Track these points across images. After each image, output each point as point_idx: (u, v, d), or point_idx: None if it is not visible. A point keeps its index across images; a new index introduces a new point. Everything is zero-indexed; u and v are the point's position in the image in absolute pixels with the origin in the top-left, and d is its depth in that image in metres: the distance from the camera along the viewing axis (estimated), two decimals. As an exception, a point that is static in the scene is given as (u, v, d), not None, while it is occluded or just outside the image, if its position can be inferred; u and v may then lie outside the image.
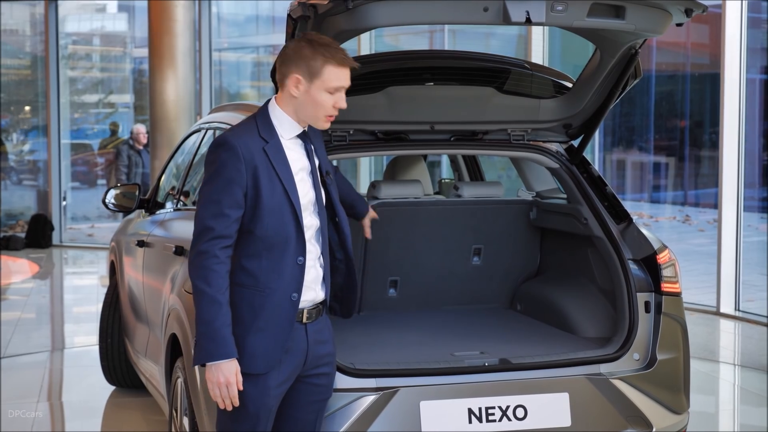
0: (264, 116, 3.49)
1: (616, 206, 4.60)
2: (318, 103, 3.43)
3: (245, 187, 3.36)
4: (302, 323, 3.49)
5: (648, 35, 4.09)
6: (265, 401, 3.44)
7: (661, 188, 15.44)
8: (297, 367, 3.50)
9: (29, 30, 17.31)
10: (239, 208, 3.36)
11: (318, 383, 3.59)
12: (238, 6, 17.00)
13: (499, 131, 4.71)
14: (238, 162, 3.35)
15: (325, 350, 3.59)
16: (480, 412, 3.93)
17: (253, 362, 3.41)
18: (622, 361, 4.18)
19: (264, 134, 3.43)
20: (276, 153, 3.42)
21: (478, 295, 5.27)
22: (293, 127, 3.49)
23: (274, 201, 3.38)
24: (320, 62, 3.41)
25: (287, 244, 3.41)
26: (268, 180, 3.38)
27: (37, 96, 16.57)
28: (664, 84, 14.99)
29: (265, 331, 3.40)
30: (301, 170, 3.50)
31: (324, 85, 3.42)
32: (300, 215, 3.42)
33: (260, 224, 3.38)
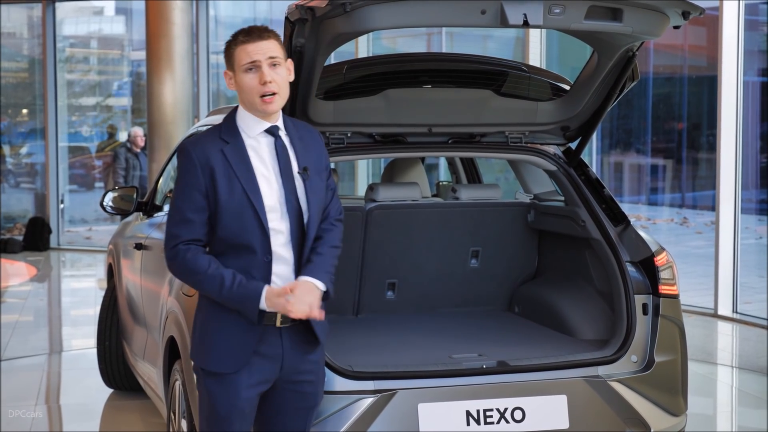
0: (229, 120, 3.46)
1: (613, 208, 4.61)
2: (245, 86, 3.37)
3: (204, 190, 3.33)
4: (276, 327, 3.41)
5: (645, 38, 4.10)
6: (235, 403, 3.39)
7: (659, 190, 15.45)
8: (271, 371, 3.43)
9: (27, 33, 17.31)
10: (203, 211, 3.34)
11: (303, 390, 3.51)
12: (236, 9, 17.00)
13: (497, 134, 4.72)
14: (193, 167, 3.34)
15: (308, 357, 3.49)
16: (478, 415, 3.93)
17: (220, 362, 3.38)
18: (620, 363, 4.18)
19: (225, 136, 3.40)
20: (236, 153, 3.37)
21: (476, 297, 5.27)
22: (257, 123, 3.42)
23: (233, 202, 3.33)
24: (230, 50, 3.39)
25: (252, 246, 3.35)
26: (227, 181, 3.33)
27: (34, 99, 16.57)
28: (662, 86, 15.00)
29: (232, 331, 3.37)
30: (267, 170, 3.41)
31: (240, 68, 3.37)
32: (263, 217, 3.34)
33: (220, 226, 3.35)
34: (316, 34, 3.86)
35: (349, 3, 3.61)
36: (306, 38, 3.87)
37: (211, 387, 3.41)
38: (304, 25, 3.80)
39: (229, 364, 3.38)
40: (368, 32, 4.03)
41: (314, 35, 3.87)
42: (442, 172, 13.06)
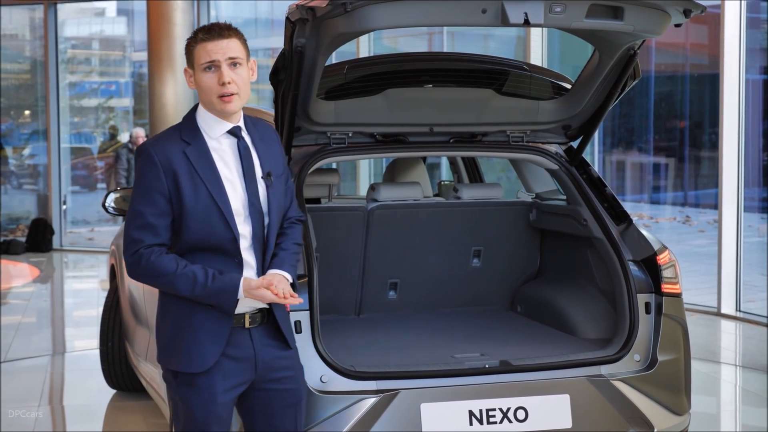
0: (189, 119, 3.37)
1: (615, 207, 4.60)
2: (204, 86, 3.28)
3: (167, 194, 3.23)
4: (245, 328, 3.35)
5: (646, 36, 4.09)
6: (213, 408, 3.33)
7: (661, 189, 15.43)
8: (247, 373, 3.37)
9: (29, 34, 17.32)
10: (166, 216, 3.25)
11: (285, 388, 3.45)
12: (237, 9, 17.01)
13: (498, 133, 4.71)
14: (155, 169, 3.23)
15: (281, 354, 3.43)
16: (481, 414, 3.93)
17: (189, 361, 3.30)
18: (623, 362, 4.17)
19: (186, 137, 3.30)
20: (199, 155, 3.28)
21: (478, 296, 5.27)
22: (219, 123, 3.33)
23: (198, 206, 3.24)
24: (190, 47, 3.30)
25: (220, 250, 3.28)
26: (191, 183, 3.24)
27: (36, 100, 16.57)
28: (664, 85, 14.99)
29: (201, 331, 3.29)
30: (231, 172, 3.32)
31: (199, 66, 3.28)
32: (231, 220, 3.26)
33: (186, 230, 3.26)
34: (316, 34, 3.86)
35: (349, 3, 3.60)
36: (307, 38, 3.86)
37: (186, 395, 3.34)
38: (304, 25, 3.80)
39: (200, 362, 3.29)
40: (369, 32, 4.03)
41: (315, 35, 3.86)
42: (444, 171, 13.05)
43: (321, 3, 3.62)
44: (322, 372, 3.88)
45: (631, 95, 13.71)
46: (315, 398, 3.84)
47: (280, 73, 4.04)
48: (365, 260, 4.98)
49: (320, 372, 3.88)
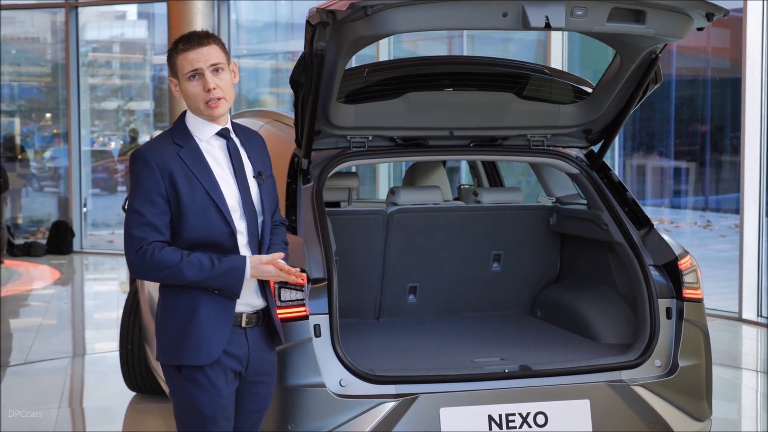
0: (180, 124, 3.48)
1: (636, 212, 4.58)
2: (190, 94, 3.40)
3: (165, 194, 3.33)
4: (242, 327, 3.44)
5: (668, 40, 4.07)
6: (219, 402, 3.40)
7: (682, 193, 15.36)
8: (240, 370, 3.46)
9: (50, 38, 17.40)
10: (165, 215, 3.34)
11: (257, 392, 3.52)
12: (257, 13, 17.04)
13: (519, 137, 4.70)
14: (152, 171, 3.34)
15: (267, 358, 3.52)
16: (500, 419, 3.92)
17: (196, 355, 3.36)
18: (644, 367, 4.15)
19: (178, 140, 3.41)
20: (192, 156, 3.39)
21: (498, 301, 5.25)
22: (208, 127, 3.44)
23: (195, 203, 3.34)
24: (172, 58, 3.41)
25: (219, 246, 3.37)
26: (187, 183, 3.34)
27: (57, 103, 16.65)
28: (685, 89, 14.92)
29: (205, 326, 3.37)
30: (223, 171, 3.43)
31: (183, 76, 3.39)
32: (228, 215, 3.37)
33: (186, 227, 3.35)
34: (336, 37, 3.85)
35: (369, 6, 3.60)
36: (327, 42, 3.86)
37: (191, 390, 3.40)
38: (325, 29, 3.80)
39: (207, 354, 3.36)
40: (389, 35, 4.03)
41: (335, 39, 3.86)
42: (464, 175, 13.02)
43: (341, 6, 3.62)
44: (341, 376, 3.88)
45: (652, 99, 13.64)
46: (334, 402, 3.84)
47: (300, 76, 4.04)
48: (385, 264, 4.97)
49: (339, 376, 3.88)
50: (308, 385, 3.85)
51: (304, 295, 3.90)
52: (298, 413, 3.85)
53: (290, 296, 3.89)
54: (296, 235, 4.10)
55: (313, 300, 3.93)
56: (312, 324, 3.90)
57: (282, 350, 3.84)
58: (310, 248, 4.03)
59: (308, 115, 4.10)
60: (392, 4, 3.62)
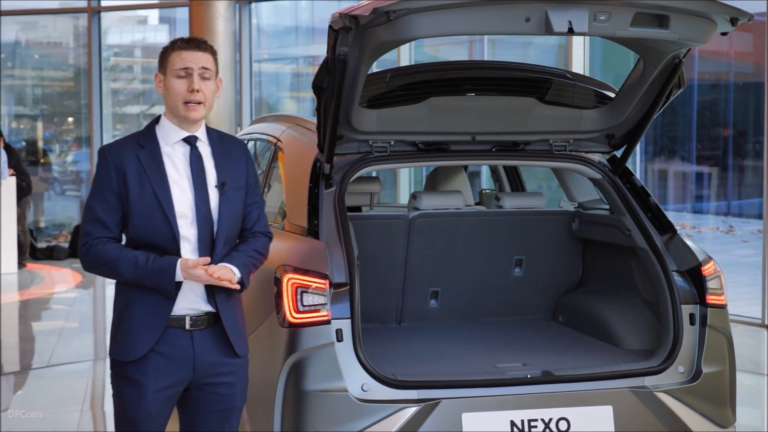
0: (149, 126, 3.54)
1: (659, 217, 4.56)
2: (172, 90, 3.46)
3: (117, 191, 3.42)
4: (186, 330, 3.44)
5: (692, 44, 4.05)
6: (143, 405, 3.42)
7: (704, 198, 15.28)
8: (183, 374, 3.45)
9: (72, 42, 17.50)
10: (114, 212, 3.43)
11: (218, 392, 3.51)
12: (278, 17, 17.07)
13: (541, 142, 4.69)
14: (107, 168, 3.43)
15: (223, 360, 3.50)
16: (522, 425, 3.91)
17: (121, 350, 3.44)
18: (667, 373, 4.13)
19: (142, 142, 3.48)
20: (150, 158, 3.44)
21: (520, 306, 5.24)
22: (176, 132, 3.49)
23: (143, 204, 3.40)
24: (166, 53, 3.50)
25: (161, 249, 3.41)
26: (139, 184, 3.41)
27: (80, 107, 16.73)
28: (707, 93, 14.86)
29: (135, 323, 3.42)
30: (180, 177, 3.46)
31: (172, 72, 3.46)
32: (173, 221, 3.40)
33: (132, 227, 3.43)
34: (359, 42, 3.86)
35: (392, 11, 3.60)
36: (350, 47, 3.86)
37: (121, 388, 3.47)
38: (347, 34, 3.80)
39: (131, 351, 3.42)
40: (411, 40, 4.02)
41: (358, 44, 3.87)
42: (484, 179, 13.00)
43: (364, 11, 3.62)
44: (363, 380, 3.88)
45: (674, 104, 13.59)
46: (356, 406, 3.84)
47: (323, 81, 4.04)
48: (406, 269, 4.97)
49: (361, 380, 3.88)
50: (330, 390, 3.85)
51: (327, 300, 3.91)
52: (320, 417, 3.85)
53: (312, 300, 3.90)
54: (318, 240, 4.10)
55: (335, 304, 3.93)
56: (334, 328, 3.90)
57: (303, 355, 3.85)
58: (332, 253, 4.03)
59: (331, 120, 4.11)
60: (415, 9, 3.62)
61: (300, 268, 3.95)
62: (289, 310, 3.89)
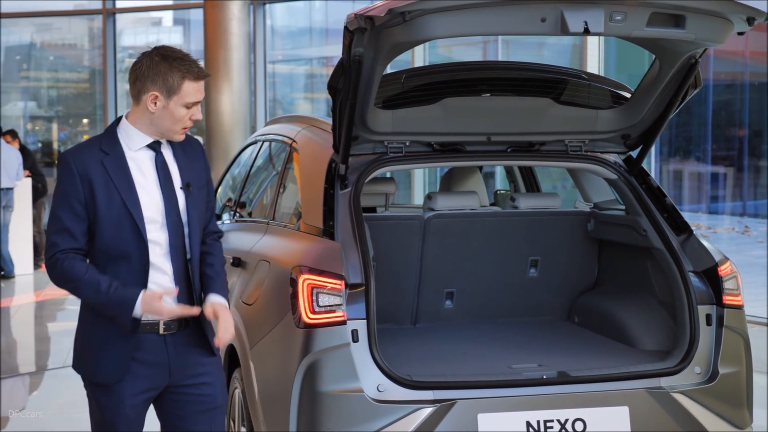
0: (110, 131, 3.45)
1: (675, 217, 4.55)
2: (176, 117, 3.38)
3: (83, 200, 3.33)
4: (159, 335, 3.42)
5: (708, 44, 4.04)
6: (121, 411, 3.42)
7: (720, 199, 15.23)
8: (159, 379, 3.44)
9: (87, 44, 17.56)
10: (81, 222, 3.34)
11: (202, 393, 3.50)
12: (292, 18, 17.09)
13: (557, 142, 4.68)
14: (72, 176, 3.33)
15: (199, 360, 3.49)
16: (539, 425, 3.90)
17: (104, 372, 3.41)
18: (683, 374, 4.12)
19: (105, 147, 3.39)
20: (115, 165, 3.37)
21: (535, 307, 5.23)
22: (142, 138, 3.42)
23: (112, 213, 3.33)
24: (178, 78, 3.35)
25: (129, 256, 3.36)
26: (105, 192, 3.33)
27: (94, 109, 16.79)
28: (722, 93, 14.81)
29: (110, 340, 3.38)
30: (147, 182, 3.41)
31: (182, 101, 3.37)
32: (142, 227, 3.34)
33: (99, 236, 3.35)
34: (374, 43, 3.86)
35: (408, 12, 3.60)
36: (365, 47, 3.86)
37: (97, 395, 3.45)
38: (363, 35, 3.80)
39: (113, 374, 3.39)
40: (427, 41, 4.02)
41: (373, 44, 3.87)
42: (498, 180, 12.99)
43: (379, 12, 3.63)
44: (379, 381, 3.88)
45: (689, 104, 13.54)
46: (371, 407, 3.84)
47: (338, 82, 4.04)
48: (421, 269, 4.96)
49: (377, 381, 3.88)
50: (346, 390, 3.85)
51: (342, 300, 3.91)
52: (336, 418, 3.85)
53: (328, 301, 3.90)
54: (334, 241, 4.11)
55: (350, 305, 3.93)
56: (350, 329, 3.90)
57: (319, 355, 3.85)
58: (347, 253, 4.03)
59: (346, 121, 4.11)
60: (430, 9, 3.62)
61: (315, 269, 3.95)
62: (304, 311, 3.90)
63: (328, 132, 4.45)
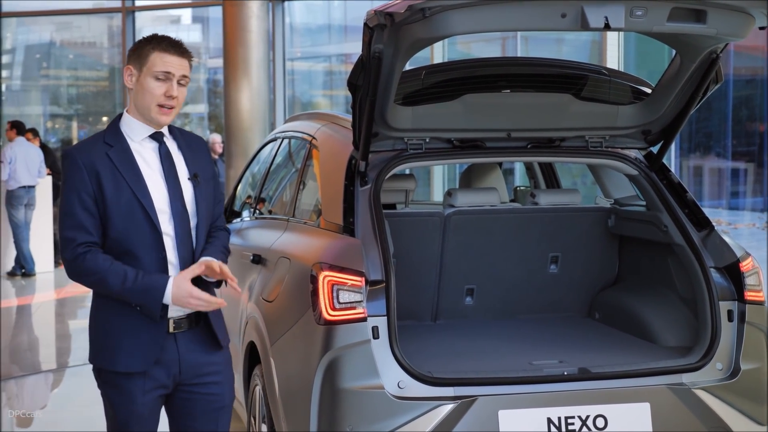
0: (113, 124, 3.48)
1: (696, 213, 4.53)
2: (147, 89, 3.39)
3: (93, 193, 3.34)
4: (169, 333, 3.42)
5: (730, 39, 4.02)
6: (132, 408, 3.42)
7: (740, 194, 15.16)
8: (168, 376, 3.44)
9: (107, 42, 17.64)
10: (94, 216, 3.34)
11: (210, 392, 3.51)
12: (311, 15, 17.11)
13: (577, 138, 4.67)
14: (79, 171, 3.34)
15: (208, 359, 3.50)
16: (559, 422, 3.89)
17: (132, 361, 3.39)
18: (705, 370, 4.11)
19: (109, 140, 3.41)
20: (121, 156, 3.39)
21: (556, 303, 5.22)
22: (143, 128, 3.45)
23: (122, 204, 3.34)
24: (148, 49, 3.40)
25: (143, 245, 3.36)
26: (114, 183, 3.34)
27: (114, 107, 16.86)
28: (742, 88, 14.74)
29: (138, 331, 3.37)
30: (153, 173, 3.43)
31: (150, 72, 3.38)
32: (154, 216, 3.36)
33: (112, 228, 3.35)
34: (394, 39, 3.86)
35: (428, 8, 3.60)
36: (385, 44, 3.86)
37: (109, 393, 3.46)
38: (382, 31, 3.80)
39: (138, 362, 3.38)
40: (447, 37, 4.02)
41: (393, 41, 3.86)
42: (518, 176, 12.97)
43: (399, 9, 3.62)
44: (399, 377, 3.88)
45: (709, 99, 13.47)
46: (392, 404, 3.84)
47: (358, 78, 4.05)
48: (442, 266, 4.96)
49: (398, 377, 3.88)
50: (366, 387, 3.85)
51: (363, 297, 3.91)
52: (356, 415, 3.85)
53: (348, 298, 3.90)
54: (354, 237, 4.11)
55: (371, 302, 3.93)
56: (370, 326, 3.90)
57: (340, 352, 3.85)
58: (368, 250, 4.03)
59: (366, 117, 4.11)
60: (450, 6, 3.61)
61: (336, 266, 3.95)
62: (325, 308, 3.90)
63: (348, 129, 4.46)
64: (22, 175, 12.64)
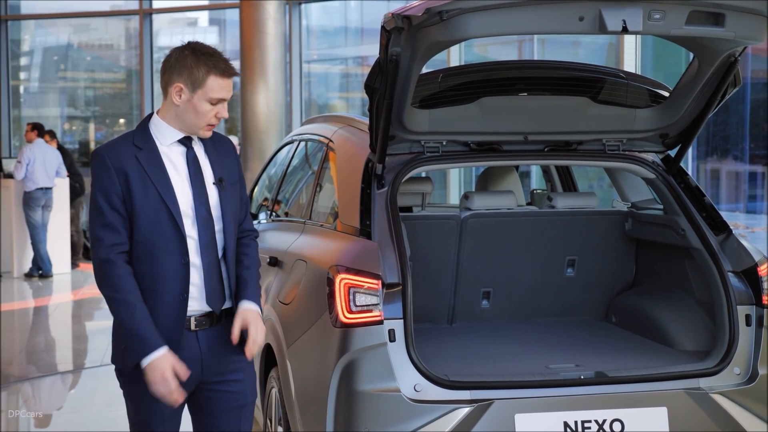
0: (143, 126, 3.48)
1: (714, 217, 4.52)
2: (200, 112, 3.39)
3: (121, 194, 3.35)
4: (191, 330, 3.43)
5: (748, 42, 4.01)
6: (155, 407, 3.42)
7: (758, 198, 15.09)
8: (192, 375, 3.43)
9: (124, 44, 17.70)
10: (122, 216, 3.35)
11: (232, 390, 3.51)
12: (327, 18, 17.13)
13: (594, 141, 4.66)
14: (108, 171, 3.35)
15: (230, 357, 3.50)
16: (576, 426, 3.89)
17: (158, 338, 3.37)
18: (723, 375, 4.09)
19: (138, 142, 3.42)
20: (149, 159, 3.39)
21: (572, 306, 5.21)
22: (173, 133, 3.45)
23: (148, 205, 3.35)
24: (203, 72, 3.37)
25: (167, 248, 3.37)
26: (141, 185, 3.35)
27: (131, 109, 16.92)
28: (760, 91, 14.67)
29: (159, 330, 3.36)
30: (180, 177, 3.43)
31: (206, 96, 3.38)
32: (179, 220, 3.37)
33: (137, 229, 3.36)
34: (412, 42, 3.86)
35: (445, 12, 3.60)
36: (402, 47, 3.86)
37: (132, 392, 3.47)
38: (400, 34, 3.80)
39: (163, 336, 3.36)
40: (464, 40, 4.02)
41: (410, 44, 3.87)
42: (534, 179, 12.95)
43: (417, 12, 3.63)
44: (415, 381, 3.88)
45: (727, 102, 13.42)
46: (408, 407, 3.84)
47: (375, 81, 4.05)
48: (458, 269, 4.96)
49: (414, 380, 3.88)
50: (383, 390, 3.86)
51: (379, 300, 3.91)
52: (373, 417, 3.85)
53: (365, 301, 3.90)
54: (371, 240, 4.11)
55: (387, 305, 3.93)
56: (387, 329, 3.90)
57: (356, 355, 3.85)
58: (384, 253, 4.03)
59: (383, 120, 4.11)
60: (468, 9, 3.61)
61: (352, 269, 3.95)
62: (341, 311, 3.90)
63: (365, 131, 4.46)
64: (39, 177, 12.69)
